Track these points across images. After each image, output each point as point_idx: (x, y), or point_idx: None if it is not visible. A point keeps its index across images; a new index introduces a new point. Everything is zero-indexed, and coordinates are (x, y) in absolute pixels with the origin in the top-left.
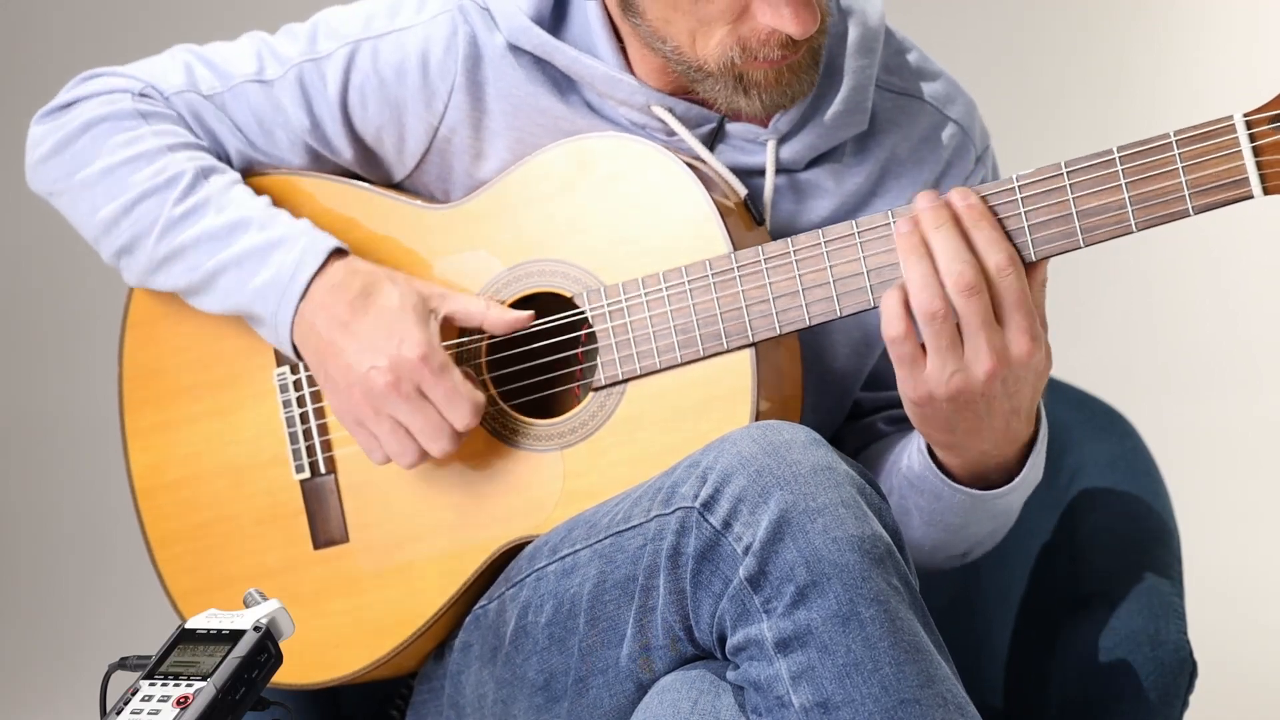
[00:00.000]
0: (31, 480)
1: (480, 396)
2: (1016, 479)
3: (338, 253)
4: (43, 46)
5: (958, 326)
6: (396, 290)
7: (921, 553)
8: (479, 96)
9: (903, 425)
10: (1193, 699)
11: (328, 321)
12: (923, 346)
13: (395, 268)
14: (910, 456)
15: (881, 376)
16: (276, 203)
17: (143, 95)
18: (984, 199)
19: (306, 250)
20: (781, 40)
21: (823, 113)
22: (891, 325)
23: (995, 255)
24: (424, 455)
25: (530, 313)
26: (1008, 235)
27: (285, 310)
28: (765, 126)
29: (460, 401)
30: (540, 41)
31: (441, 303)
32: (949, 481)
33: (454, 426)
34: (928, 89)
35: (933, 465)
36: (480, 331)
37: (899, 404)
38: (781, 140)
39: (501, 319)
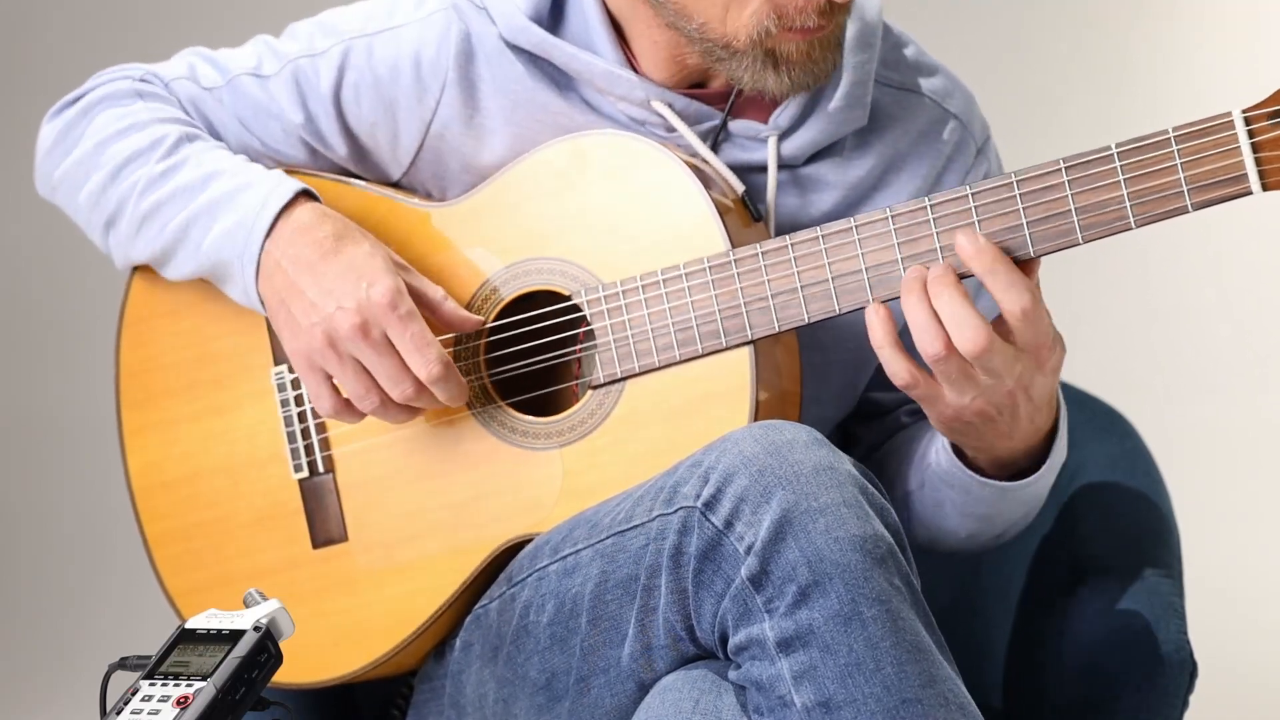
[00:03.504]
0: (31, 480)
1: (445, 353)
2: (1043, 467)
3: (306, 195)
4: (47, 50)
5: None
6: (367, 240)
7: (957, 539)
8: (472, 94)
9: (922, 415)
10: (1193, 699)
11: (294, 260)
12: (933, 377)
13: None
14: (936, 454)
15: None
16: None
17: (142, 80)
18: (995, 243)
19: (272, 191)
20: (819, 7)
21: (823, 107)
22: (899, 376)
23: (1019, 300)
24: (385, 401)
25: (480, 319)
26: (1022, 273)
27: (250, 251)
28: (765, 123)
29: (427, 350)
30: (539, 40)
31: (407, 274)
32: (978, 478)
33: (418, 376)
34: (926, 84)
35: (959, 464)
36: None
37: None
38: (782, 136)
39: (454, 313)
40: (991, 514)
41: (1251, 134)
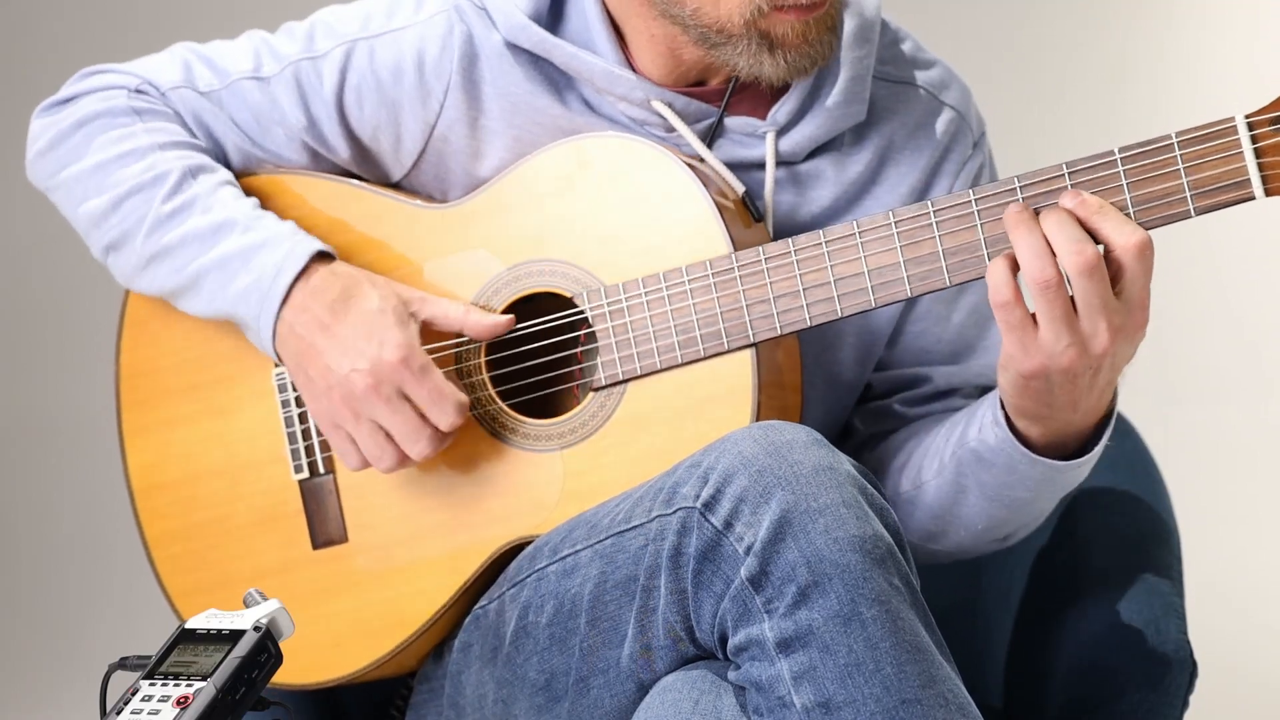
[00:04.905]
0: (31, 480)
1: (464, 396)
2: (1097, 448)
3: (321, 256)
4: (44, 46)
5: (1071, 299)
6: (376, 293)
7: (971, 533)
8: (475, 96)
9: (921, 407)
10: (1193, 699)
11: (308, 324)
12: (1033, 316)
13: (392, 268)
14: (981, 430)
15: (886, 359)
16: (272, 203)
17: (138, 92)
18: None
19: (289, 254)
20: None
21: (821, 103)
22: (1000, 291)
23: (1134, 234)
24: (402, 460)
25: (511, 317)
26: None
27: (267, 314)
28: (763, 119)
29: (444, 402)
30: (539, 39)
31: (421, 306)
32: (1030, 454)
33: (438, 427)
34: (922, 77)
35: (1012, 438)
36: (461, 335)
37: (912, 385)
38: (780, 132)
39: (481, 323)
40: (1026, 499)
41: (1254, 139)
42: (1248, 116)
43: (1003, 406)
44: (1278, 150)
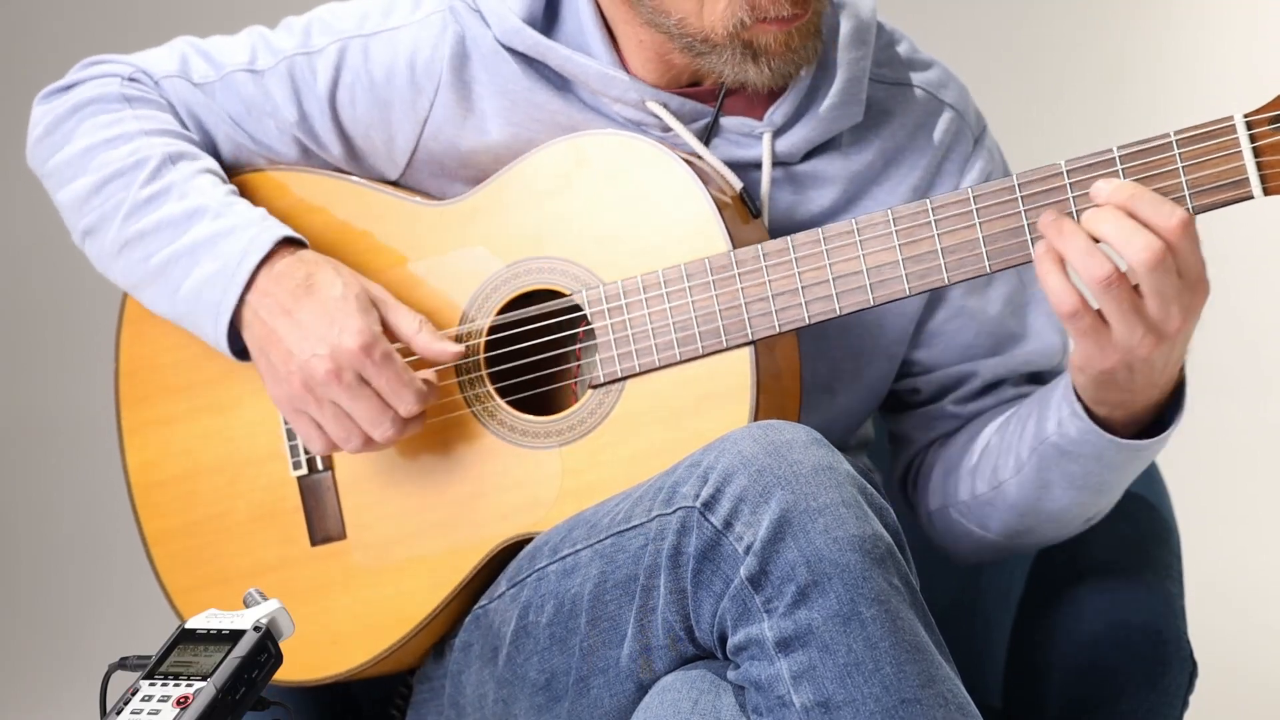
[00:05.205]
0: (31, 480)
1: (423, 386)
2: (1180, 417)
3: (288, 242)
4: (44, 46)
5: (1134, 286)
6: (340, 280)
7: (1058, 523)
8: (466, 96)
9: (973, 403)
10: (1193, 699)
11: (270, 309)
12: (1099, 314)
13: (391, 265)
14: (1061, 424)
15: (923, 362)
16: (271, 198)
17: (132, 80)
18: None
19: (254, 239)
20: None
21: (818, 104)
22: (1064, 301)
23: (1174, 213)
24: (369, 442)
25: (461, 348)
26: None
27: (229, 299)
28: (760, 119)
29: (404, 390)
30: (533, 42)
31: (383, 307)
32: (1117, 440)
33: (398, 413)
34: (919, 77)
35: (1096, 428)
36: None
37: (960, 383)
38: (777, 133)
39: (429, 346)
40: (1113, 481)
41: (1253, 138)
42: (1246, 116)
43: (1078, 397)
44: (1276, 149)
